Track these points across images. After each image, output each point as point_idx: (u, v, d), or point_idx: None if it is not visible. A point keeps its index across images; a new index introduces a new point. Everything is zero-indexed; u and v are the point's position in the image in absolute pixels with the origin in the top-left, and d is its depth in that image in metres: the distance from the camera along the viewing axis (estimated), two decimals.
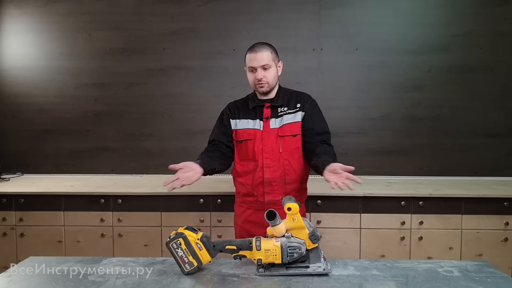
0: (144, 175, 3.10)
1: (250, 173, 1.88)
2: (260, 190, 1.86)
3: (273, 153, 1.84)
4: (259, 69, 1.80)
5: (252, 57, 1.81)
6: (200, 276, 1.24)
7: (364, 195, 2.39)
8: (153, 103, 3.11)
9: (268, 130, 1.85)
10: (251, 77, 1.85)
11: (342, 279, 1.21)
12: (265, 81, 1.82)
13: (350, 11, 3.00)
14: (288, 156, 1.85)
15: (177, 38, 3.07)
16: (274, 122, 1.86)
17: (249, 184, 1.88)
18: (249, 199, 1.91)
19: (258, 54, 1.80)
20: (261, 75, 1.81)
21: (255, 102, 1.91)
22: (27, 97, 3.14)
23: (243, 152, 1.90)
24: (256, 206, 1.89)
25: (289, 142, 1.85)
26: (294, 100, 1.90)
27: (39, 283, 1.19)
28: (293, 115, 1.87)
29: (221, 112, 2.00)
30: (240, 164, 1.92)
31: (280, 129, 1.85)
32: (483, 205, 2.38)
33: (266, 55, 1.81)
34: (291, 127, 1.85)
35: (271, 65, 1.82)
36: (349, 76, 3.03)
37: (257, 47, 1.82)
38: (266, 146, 1.84)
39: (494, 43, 2.94)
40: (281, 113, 1.87)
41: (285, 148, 1.85)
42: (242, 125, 1.90)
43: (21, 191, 2.54)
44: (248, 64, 1.84)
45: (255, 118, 1.89)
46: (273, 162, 1.84)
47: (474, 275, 1.22)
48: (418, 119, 3.01)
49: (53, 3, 3.09)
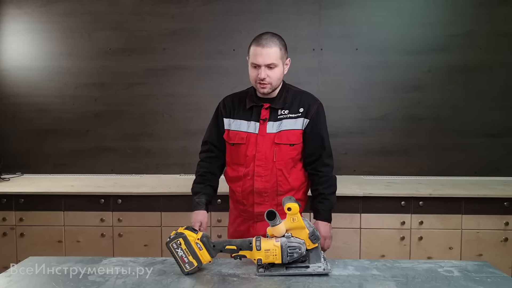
0: (144, 175, 3.10)
1: (240, 180, 1.72)
2: (250, 199, 1.71)
3: (266, 161, 1.67)
4: (263, 68, 1.58)
5: (257, 51, 1.57)
6: (200, 276, 1.24)
7: (364, 195, 2.39)
8: (153, 103, 3.11)
9: (263, 135, 1.67)
10: (253, 74, 1.63)
11: (342, 279, 1.21)
12: (268, 81, 1.60)
13: (350, 11, 3.00)
14: (282, 166, 1.68)
15: (177, 38, 3.07)
16: (271, 126, 1.67)
17: (239, 192, 1.74)
18: (240, 206, 1.77)
19: (265, 49, 1.56)
20: (264, 75, 1.58)
21: (253, 101, 1.71)
22: (27, 97, 3.14)
23: (234, 156, 1.74)
24: (246, 215, 1.76)
25: (285, 151, 1.68)
26: (298, 102, 1.70)
27: (39, 283, 1.19)
28: (294, 120, 1.68)
29: (217, 107, 1.82)
30: (231, 168, 1.77)
31: (277, 135, 1.66)
32: (483, 205, 2.38)
33: (274, 53, 1.58)
34: (289, 134, 1.68)
35: (277, 64, 1.60)
36: (349, 76, 3.03)
37: (265, 41, 1.57)
38: (260, 152, 1.67)
39: (494, 43, 2.94)
40: (280, 116, 1.68)
41: (280, 157, 1.67)
42: (236, 126, 1.72)
43: (21, 191, 2.54)
44: (251, 59, 1.61)
45: (250, 119, 1.70)
46: (266, 171, 1.67)
47: (474, 275, 1.23)
48: (418, 119, 3.00)
49: (53, 3, 3.09)
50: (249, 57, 1.64)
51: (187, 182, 2.18)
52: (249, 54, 1.63)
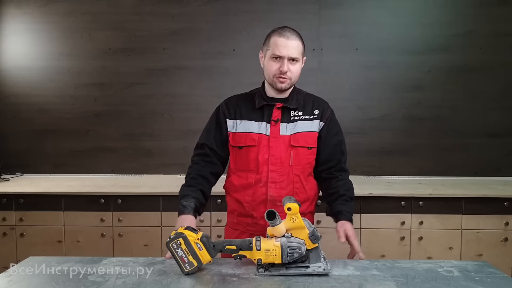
0: (144, 175, 3.10)
1: (250, 188, 1.55)
2: (261, 210, 1.52)
3: (281, 166, 1.53)
4: (286, 60, 1.47)
5: (282, 42, 1.47)
6: (200, 276, 1.24)
7: (364, 195, 2.39)
8: (153, 103, 3.11)
9: (276, 137, 1.53)
10: (273, 67, 1.50)
11: (342, 279, 1.21)
12: (289, 76, 1.50)
13: (350, 11, 3.00)
14: (300, 172, 1.55)
15: (177, 38, 3.07)
16: (284, 128, 1.55)
17: (248, 202, 1.55)
18: (246, 220, 1.58)
19: (290, 41, 1.47)
20: (287, 68, 1.48)
21: (264, 100, 1.57)
22: (27, 97, 3.14)
23: (242, 161, 1.57)
24: (254, 229, 1.54)
25: (303, 155, 1.55)
26: (311, 104, 1.60)
27: (39, 283, 1.19)
28: (310, 123, 1.57)
29: (216, 108, 1.66)
30: (237, 175, 1.59)
31: (293, 137, 1.54)
32: (483, 205, 2.38)
33: (298, 46, 1.49)
34: (306, 137, 1.55)
35: (299, 59, 1.51)
36: (349, 76, 3.03)
37: (289, 33, 1.48)
38: (274, 156, 1.52)
39: (494, 43, 2.94)
40: (294, 118, 1.56)
41: (297, 161, 1.54)
42: (244, 127, 1.57)
43: (21, 191, 2.54)
44: (273, 50, 1.48)
45: (261, 120, 1.56)
46: (281, 176, 1.53)
47: (474, 275, 1.22)
48: (418, 119, 3.01)
49: (53, 3, 3.09)
50: (268, 49, 1.51)
51: None
52: (269, 46, 1.51)
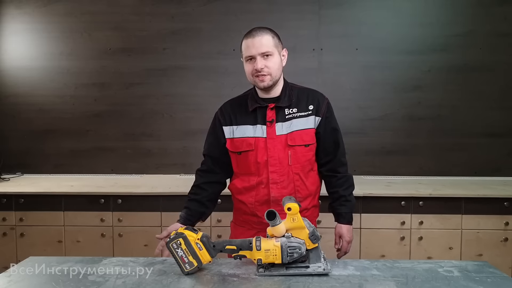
0: (144, 175, 3.10)
1: (252, 189, 1.59)
2: (265, 210, 1.53)
3: (281, 166, 1.55)
4: (258, 57, 1.48)
5: (249, 43, 1.49)
6: (200, 276, 1.24)
7: (364, 195, 2.39)
8: (153, 103, 3.11)
9: (273, 137, 1.55)
10: (249, 68, 1.52)
11: (342, 279, 1.21)
12: (266, 72, 1.49)
13: (350, 11, 3.00)
14: (299, 170, 1.58)
15: (177, 38, 3.07)
16: (280, 127, 1.55)
17: (251, 203, 1.60)
18: (253, 219, 1.63)
19: (256, 39, 1.48)
20: (262, 65, 1.48)
21: (256, 102, 1.58)
22: (27, 97, 3.14)
23: (243, 165, 1.60)
24: (261, 227, 1.56)
25: (301, 153, 1.57)
26: (305, 99, 1.59)
27: (39, 283, 1.19)
28: (305, 119, 1.57)
29: (214, 116, 1.69)
30: (240, 179, 1.63)
31: (289, 136, 1.55)
32: (483, 205, 2.38)
33: (267, 40, 1.49)
34: (302, 134, 1.56)
35: (273, 52, 1.50)
36: (349, 76, 3.03)
37: (255, 31, 1.50)
38: (272, 157, 1.55)
39: (494, 43, 2.94)
40: (289, 116, 1.56)
41: (296, 160, 1.56)
42: (240, 132, 1.59)
43: (21, 191, 2.54)
44: (244, 53, 1.51)
45: (255, 123, 1.57)
46: (282, 177, 1.56)
47: (474, 275, 1.22)
48: (418, 119, 3.01)
49: (53, 3, 3.09)
50: (242, 55, 1.54)
51: (187, 182, 2.18)
52: (242, 52, 1.54)
